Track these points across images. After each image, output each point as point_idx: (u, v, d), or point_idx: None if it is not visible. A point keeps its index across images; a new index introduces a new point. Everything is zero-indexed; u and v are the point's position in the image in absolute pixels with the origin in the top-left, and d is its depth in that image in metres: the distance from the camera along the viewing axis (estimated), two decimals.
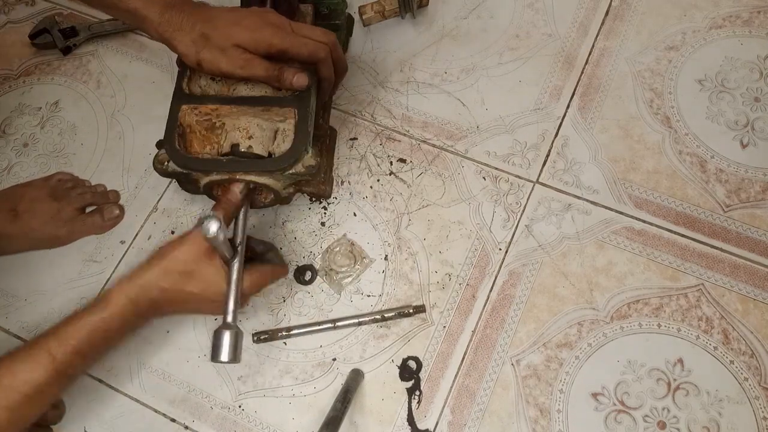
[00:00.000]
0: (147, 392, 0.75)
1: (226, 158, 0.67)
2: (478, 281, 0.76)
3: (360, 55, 0.90)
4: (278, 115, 0.69)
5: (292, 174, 0.68)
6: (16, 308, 0.81)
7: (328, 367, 0.74)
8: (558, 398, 0.70)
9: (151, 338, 0.77)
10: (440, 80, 0.88)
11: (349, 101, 0.87)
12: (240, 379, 0.74)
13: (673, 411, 0.69)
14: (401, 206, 0.81)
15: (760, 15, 0.87)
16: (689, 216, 0.77)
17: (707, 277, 0.74)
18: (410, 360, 0.73)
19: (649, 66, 0.85)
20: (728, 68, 0.84)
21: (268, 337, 0.75)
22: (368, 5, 0.90)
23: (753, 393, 0.68)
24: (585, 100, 0.84)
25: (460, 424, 0.70)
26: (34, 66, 0.96)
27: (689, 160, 0.80)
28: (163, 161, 0.68)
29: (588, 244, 0.76)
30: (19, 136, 0.92)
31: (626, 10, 0.89)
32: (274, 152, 0.69)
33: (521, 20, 0.90)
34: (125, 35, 0.97)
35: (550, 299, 0.74)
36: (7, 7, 1.02)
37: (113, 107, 0.92)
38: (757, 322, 0.71)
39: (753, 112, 0.81)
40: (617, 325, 0.72)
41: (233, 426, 0.72)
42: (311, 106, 0.70)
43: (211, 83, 0.73)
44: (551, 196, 0.79)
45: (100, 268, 0.81)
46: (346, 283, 0.77)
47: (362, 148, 0.85)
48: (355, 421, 0.71)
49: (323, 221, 0.81)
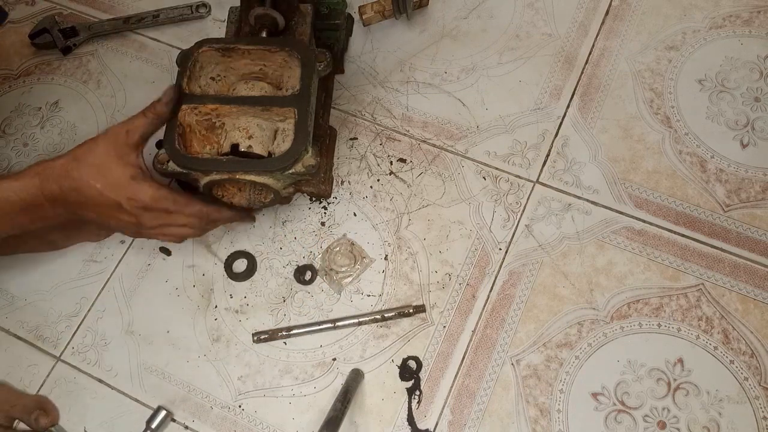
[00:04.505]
0: (147, 392, 0.75)
1: (226, 158, 0.67)
2: (478, 281, 0.76)
3: (360, 55, 0.90)
4: (278, 115, 0.69)
5: (292, 174, 0.68)
6: (16, 308, 0.81)
7: (328, 367, 0.74)
8: (558, 398, 0.70)
9: (151, 338, 0.77)
10: (440, 80, 0.88)
11: (349, 101, 0.87)
12: (240, 379, 0.74)
13: (673, 411, 0.69)
14: (401, 206, 0.81)
15: (760, 15, 0.87)
16: (689, 216, 0.77)
17: (707, 277, 0.74)
18: (410, 360, 0.73)
19: (649, 66, 0.85)
20: (728, 68, 0.84)
21: (268, 337, 0.75)
22: (368, 5, 0.90)
23: (753, 393, 0.68)
24: (585, 100, 0.84)
25: (460, 424, 0.70)
26: (34, 66, 0.96)
27: (689, 160, 0.80)
28: (163, 161, 0.68)
29: (588, 244, 0.76)
30: (19, 136, 0.92)
31: (626, 10, 0.89)
32: (274, 152, 0.69)
33: (521, 20, 0.90)
34: (125, 35, 0.97)
35: (550, 299, 0.74)
36: (7, 7, 1.02)
37: (113, 107, 0.92)
38: (757, 322, 0.71)
39: (753, 112, 0.81)
40: (617, 325, 0.72)
41: (233, 426, 0.72)
42: (311, 105, 0.70)
43: (211, 83, 0.73)
44: (551, 196, 0.79)
45: (100, 268, 0.81)
46: (346, 283, 0.77)
47: (362, 148, 0.85)
48: (355, 421, 0.71)
49: (323, 221, 0.81)
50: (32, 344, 0.79)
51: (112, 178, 0.62)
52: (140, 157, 0.65)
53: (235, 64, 0.73)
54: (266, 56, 0.72)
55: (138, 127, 0.64)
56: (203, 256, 0.81)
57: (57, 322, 0.79)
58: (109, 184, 0.62)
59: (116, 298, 0.80)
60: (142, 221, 0.65)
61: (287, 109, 0.69)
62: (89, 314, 0.79)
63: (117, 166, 0.62)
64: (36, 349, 0.78)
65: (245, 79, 0.73)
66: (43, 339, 0.79)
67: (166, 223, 0.66)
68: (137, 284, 0.80)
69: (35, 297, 0.81)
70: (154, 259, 0.81)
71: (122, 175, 0.62)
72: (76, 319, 0.79)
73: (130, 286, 0.80)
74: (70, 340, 0.78)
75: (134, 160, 0.63)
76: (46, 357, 0.78)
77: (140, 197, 0.63)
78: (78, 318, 0.79)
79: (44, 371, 0.77)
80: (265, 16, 0.72)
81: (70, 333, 0.79)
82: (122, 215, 0.64)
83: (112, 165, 0.62)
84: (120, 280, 0.80)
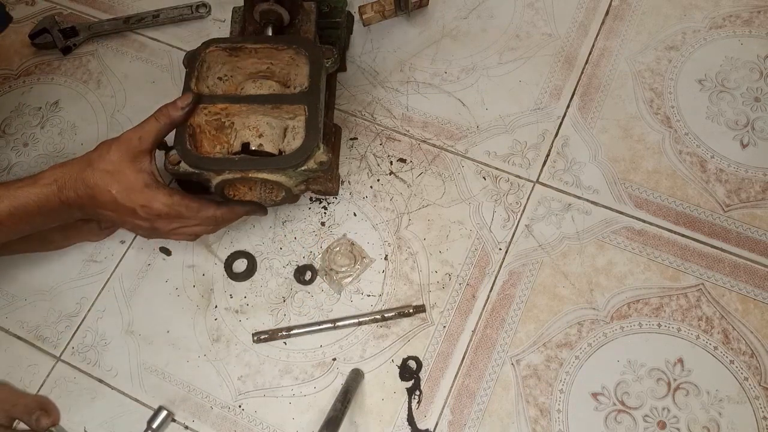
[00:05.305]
0: (147, 392, 0.75)
1: (237, 157, 0.67)
2: (478, 281, 0.76)
3: (360, 54, 0.90)
4: (288, 113, 0.69)
5: (305, 170, 0.67)
6: (16, 308, 0.81)
7: (328, 367, 0.74)
8: (558, 398, 0.70)
9: (151, 338, 0.77)
10: (440, 80, 0.88)
11: (349, 101, 0.87)
12: (240, 379, 0.74)
13: (673, 411, 0.69)
14: (401, 206, 0.81)
15: (760, 15, 0.87)
16: (689, 216, 0.77)
17: (707, 277, 0.74)
18: (410, 360, 0.73)
19: (649, 66, 0.85)
20: (728, 68, 0.84)
21: (268, 337, 0.75)
22: (368, 5, 0.90)
23: (753, 393, 0.68)
24: (585, 100, 0.84)
25: (460, 424, 0.70)
26: (34, 66, 0.96)
27: (689, 160, 0.80)
28: (175, 162, 0.67)
29: (588, 244, 0.76)
30: (19, 136, 0.92)
31: (626, 10, 0.89)
32: (285, 150, 0.69)
33: (521, 20, 0.90)
34: (125, 35, 0.97)
35: (550, 299, 0.74)
36: (8, 7, 1.02)
37: (113, 107, 0.92)
38: (757, 322, 0.71)
39: (753, 112, 0.81)
40: (617, 325, 0.72)
41: (233, 426, 0.72)
42: (321, 102, 0.70)
43: (219, 83, 0.72)
44: (551, 196, 0.79)
45: (100, 268, 0.81)
46: (346, 283, 0.77)
47: (362, 147, 0.85)
48: (355, 421, 0.71)
49: (323, 221, 0.81)
50: (32, 344, 0.79)
51: (126, 185, 0.62)
52: (153, 163, 0.65)
53: (243, 64, 0.73)
54: (273, 54, 0.72)
55: (150, 133, 0.64)
56: (203, 256, 0.81)
57: (57, 322, 0.79)
58: (123, 191, 0.62)
59: (116, 298, 0.80)
60: (156, 226, 0.66)
61: (297, 107, 0.69)
62: (89, 314, 0.79)
63: (131, 172, 0.63)
64: (36, 349, 0.78)
65: (252, 78, 0.73)
66: (43, 339, 0.79)
67: (179, 226, 0.67)
68: (137, 284, 0.80)
69: (35, 297, 0.81)
70: (154, 259, 0.81)
71: (136, 182, 0.63)
72: (76, 319, 0.79)
73: (130, 286, 0.80)
74: (70, 340, 0.78)
75: (147, 167, 0.64)
76: (46, 357, 0.78)
77: (154, 205, 0.63)
78: (78, 318, 0.79)
79: (44, 371, 0.77)
80: (270, 11, 0.72)
81: (70, 333, 0.79)
82: (137, 220, 0.65)
83: (126, 171, 0.62)
84: (120, 280, 0.80)
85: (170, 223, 0.66)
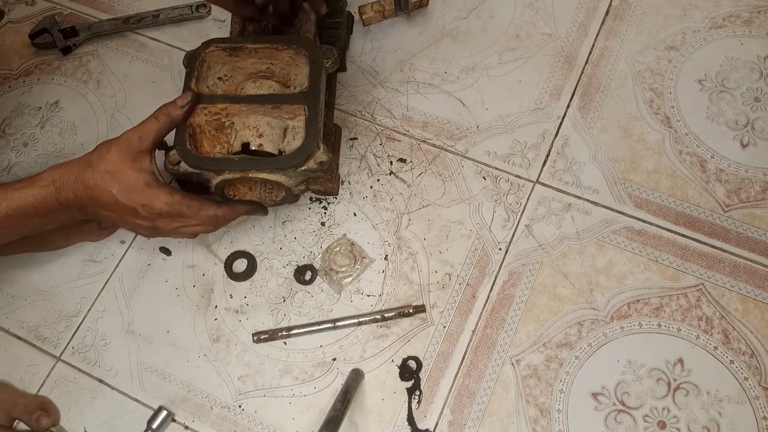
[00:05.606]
0: (147, 392, 0.75)
1: (238, 157, 0.67)
2: (478, 281, 0.76)
3: (360, 54, 0.90)
4: (288, 113, 0.69)
5: (305, 170, 0.67)
6: (16, 308, 0.81)
7: (328, 367, 0.74)
8: (558, 398, 0.70)
9: (151, 338, 0.77)
10: (440, 80, 0.88)
11: (349, 101, 0.87)
12: (240, 379, 0.74)
13: (673, 411, 0.69)
14: (401, 206, 0.81)
15: (760, 15, 0.87)
16: (689, 216, 0.77)
17: (707, 277, 0.74)
18: (410, 360, 0.73)
19: (649, 66, 0.85)
20: (728, 68, 0.84)
21: (268, 337, 0.75)
22: (368, 5, 0.90)
23: (753, 393, 0.68)
24: (585, 100, 0.84)
25: (460, 424, 0.70)
26: (34, 66, 0.96)
27: (689, 160, 0.80)
28: (175, 162, 0.67)
29: (588, 244, 0.76)
30: (19, 136, 0.92)
31: (626, 10, 0.89)
32: (284, 150, 0.69)
33: (521, 20, 0.90)
34: (125, 35, 0.97)
35: (550, 299, 0.74)
36: (7, 7, 1.02)
37: (113, 107, 0.92)
38: (757, 322, 0.71)
39: (753, 112, 0.81)
40: (617, 325, 0.72)
41: (233, 426, 0.72)
42: (321, 102, 0.70)
43: (219, 83, 0.73)
44: (551, 196, 0.79)
45: (100, 268, 0.81)
46: (346, 283, 0.77)
47: (362, 147, 0.85)
48: (355, 421, 0.71)
49: (323, 221, 0.81)
50: (32, 344, 0.79)
51: (126, 184, 0.62)
52: (153, 162, 0.65)
53: (242, 64, 0.73)
54: (273, 54, 0.72)
55: (150, 132, 0.64)
56: (203, 256, 0.81)
57: (57, 322, 0.79)
58: (123, 191, 0.62)
59: (116, 298, 0.80)
60: (157, 225, 0.66)
61: (297, 107, 0.69)
62: (89, 314, 0.79)
63: (131, 172, 0.62)
64: (36, 349, 0.78)
65: (252, 78, 0.73)
66: (43, 339, 0.79)
67: (180, 225, 0.67)
68: (137, 284, 0.80)
69: (35, 297, 0.81)
70: (154, 259, 0.81)
71: (136, 181, 0.63)
72: (76, 319, 0.79)
73: (130, 286, 0.80)
74: (70, 340, 0.78)
75: (147, 166, 0.64)
76: (46, 357, 0.78)
77: (155, 204, 0.63)
78: (78, 318, 0.79)
79: (44, 371, 0.77)
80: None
81: (70, 333, 0.79)
82: (137, 219, 0.65)
83: (127, 171, 0.62)
84: (120, 280, 0.80)
85: (171, 223, 0.66)
